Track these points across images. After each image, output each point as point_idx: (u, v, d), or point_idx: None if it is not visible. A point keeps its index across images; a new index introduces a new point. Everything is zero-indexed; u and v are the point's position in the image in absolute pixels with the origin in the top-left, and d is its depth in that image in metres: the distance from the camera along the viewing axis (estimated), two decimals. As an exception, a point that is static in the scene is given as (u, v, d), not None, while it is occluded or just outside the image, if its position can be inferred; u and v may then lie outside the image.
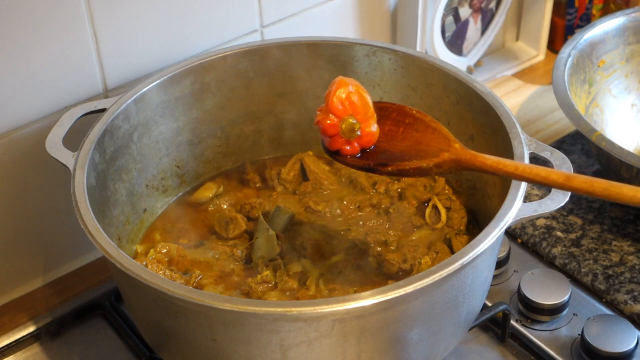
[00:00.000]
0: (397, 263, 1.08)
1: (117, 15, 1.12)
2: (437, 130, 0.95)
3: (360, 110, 0.94)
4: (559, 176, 0.87)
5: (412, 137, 0.96)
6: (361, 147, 0.96)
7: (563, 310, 1.12)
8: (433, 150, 0.93)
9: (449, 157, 0.92)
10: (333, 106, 0.94)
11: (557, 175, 0.87)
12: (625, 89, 1.39)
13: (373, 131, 0.96)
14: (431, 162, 0.92)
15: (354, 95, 0.94)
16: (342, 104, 0.94)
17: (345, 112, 0.94)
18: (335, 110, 0.94)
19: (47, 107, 1.12)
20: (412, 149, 0.95)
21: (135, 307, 0.99)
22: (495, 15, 1.53)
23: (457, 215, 1.14)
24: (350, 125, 0.94)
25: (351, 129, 0.94)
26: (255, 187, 1.21)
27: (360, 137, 0.95)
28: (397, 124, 0.98)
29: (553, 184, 0.87)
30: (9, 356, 1.11)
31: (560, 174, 0.87)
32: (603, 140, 1.16)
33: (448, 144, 0.93)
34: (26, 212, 1.16)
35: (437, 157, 0.92)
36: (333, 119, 0.94)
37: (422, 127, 0.96)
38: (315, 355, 0.88)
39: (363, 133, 0.95)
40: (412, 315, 0.89)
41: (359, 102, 0.94)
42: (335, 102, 0.94)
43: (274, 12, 1.27)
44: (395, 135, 0.97)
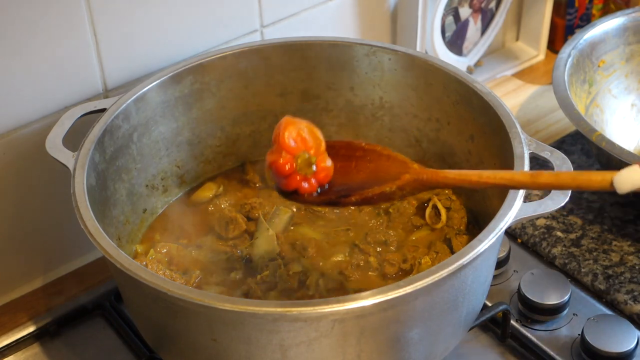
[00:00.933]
0: (397, 263, 1.08)
1: (117, 15, 1.12)
2: (392, 156, 0.94)
3: (312, 145, 0.92)
4: (523, 176, 0.87)
5: (367, 168, 0.94)
6: (319, 183, 0.93)
7: (563, 310, 1.12)
8: (392, 175, 0.92)
9: (410, 178, 0.91)
10: (285, 144, 0.90)
11: (522, 176, 0.87)
12: (625, 89, 1.39)
13: (328, 165, 0.93)
14: (394, 185, 0.91)
15: (304, 131, 0.92)
16: (294, 141, 0.91)
17: (298, 148, 0.91)
18: (288, 148, 0.90)
19: (47, 107, 1.12)
20: (370, 178, 0.93)
21: (135, 307, 0.99)
22: (495, 15, 1.53)
23: (457, 215, 1.14)
24: (306, 160, 0.91)
25: (307, 164, 0.91)
26: (255, 187, 1.21)
27: (316, 173, 0.92)
28: (349, 159, 0.96)
29: (520, 184, 0.87)
30: (9, 356, 1.11)
31: (525, 173, 0.87)
32: (603, 140, 1.16)
33: (406, 167, 0.92)
34: (26, 212, 1.16)
35: (398, 180, 0.91)
36: (287, 157, 0.90)
37: (375, 157, 0.95)
38: (315, 355, 0.88)
39: (319, 168, 0.92)
40: (412, 315, 0.89)
41: (310, 137, 0.92)
42: (287, 139, 0.90)
43: (274, 12, 1.27)
44: (349, 169, 0.95)
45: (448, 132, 1.16)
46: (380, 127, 1.22)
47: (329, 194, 0.94)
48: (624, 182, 0.82)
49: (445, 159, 1.18)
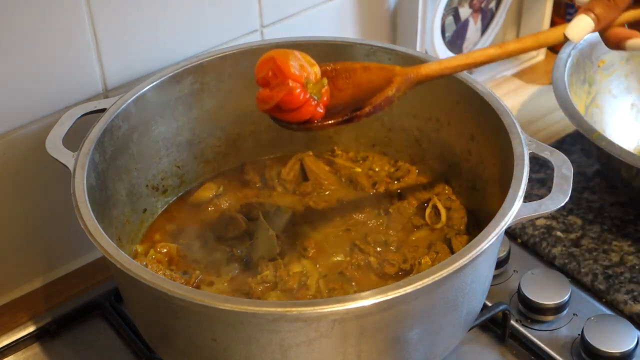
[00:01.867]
0: (397, 263, 1.08)
1: (117, 15, 1.12)
2: (368, 67, 0.95)
3: (311, 70, 0.90)
4: (494, 49, 0.95)
5: (347, 85, 0.95)
6: (324, 106, 0.91)
7: (563, 310, 1.12)
8: (378, 83, 0.93)
9: (401, 79, 0.94)
10: (292, 73, 0.87)
11: (493, 49, 0.95)
12: (625, 89, 1.39)
13: (327, 88, 0.92)
14: (393, 87, 0.93)
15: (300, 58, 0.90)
16: (298, 69, 0.88)
17: (302, 75, 0.88)
18: (295, 76, 0.87)
19: (47, 107, 1.12)
20: (358, 92, 0.94)
21: (135, 307, 0.99)
22: (495, 15, 1.53)
23: (457, 215, 1.14)
24: (316, 84, 0.89)
25: (318, 88, 0.89)
26: (255, 187, 1.21)
27: (322, 96, 0.91)
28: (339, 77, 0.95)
29: (492, 57, 0.95)
30: (9, 356, 1.11)
31: (495, 46, 0.95)
32: (603, 140, 1.16)
33: (390, 71, 0.94)
34: (26, 212, 1.16)
35: (394, 83, 0.93)
36: (297, 85, 0.87)
37: (350, 73, 0.95)
38: (315, 355, 0.88)
39: (323, 91, 0.91)
40: (412, 315, 0.89)
41: (307, 63, 0.90)
42: (293, 69, 0.87)
43: (274, 12, 1.27)
44: (333, 91, 0.94)
45: (448, 132, 1.16)
46: (380, 127, 1.22)
47: (339, 114, 0.92)
48: (575, 32, 0.92)
49: (446, 159, 1.18)
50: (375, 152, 1.25)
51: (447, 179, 1.18)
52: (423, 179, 1.20)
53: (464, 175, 1.16)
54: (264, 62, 0.89)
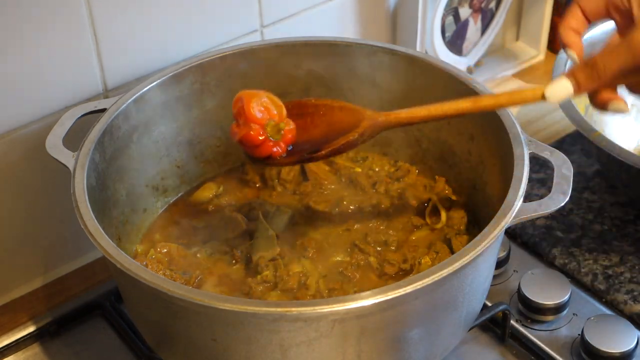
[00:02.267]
0: (397, 263, 1.08)
1: (117, 15, 1.12)
2: (344, 107, 0.99)
3: (275, 112, 0.98)
4: (466, 102, 0.94)
5: (323, 122, 1.00)
6: (286, 145, 0.99)
7: (563, 310, 1.12)
8: (348, 123, 0.97)
9: (368, 124, 0.97)
10: (252, 115, 0.97)
11: (465, 102, 0.94)
12: (625, 89, 1.38)
13: (292, 127, 0.99)
14: (355, 133, 0.96)
15: (266, 100, 0.99)
16: (260, 112, 0.97)
17: (264, 118, 0.98)
18: (255, 119, 0.97)
19: (47, 107, 1.12)
20: (330, 131, 0.99)
21: (135, 307, 0.99)
22: (495, 15, 1.53)
23: (457, 215, 1.14)
24: (274, 127, 0.98)
25: (276, 130, 0.98)
26: (255, 187, 1.21)
27: (283, 136, 0.98)
28: (302, 117, 1.01)
29: (464, 111, 0.94)
30: (9, 356, 1.11)
31: (468, 100, 0.94)
32: (603, 140, 1.16)
33: (360, 114, 0.98)
34: (26, 212, 1.16)
35: (358, 127, 0.96)
36: (256, 127, 0.97)
37: (327, 110, 1.00)
38: (315, 355, 0.88)
39: (285, 131, 0.98)
40: (412, 315, 0.89)
41: (272, 105, 0.99)
42: (253, 111, 0.97)
43: (274, 12, 1.27)
44: (306, 126, 1.00)
45: (448, 132, 1.16)
46: (380, 127, 1.22)
47: (298, 153, 0.99)
48: (555, 94, 0.89)
49: (446, 159, 1.18)
50: (375, 152, 1.25)
51: (447, 179, 1.18)
52: (423, 179, 1.20)
53: (464, 175, 1.16)
54: (236, 100, 1.00)
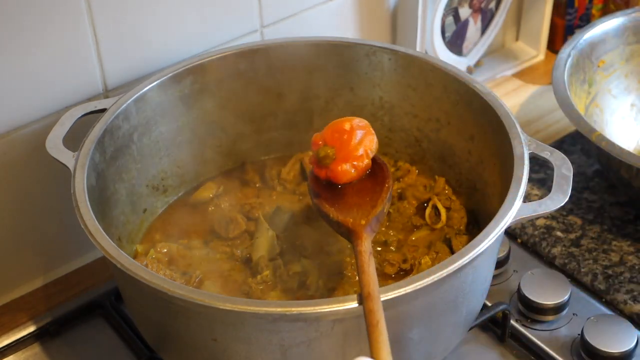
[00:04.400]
0: (397, 263, 1.08)
1: (117, 15, 1.12)
2: (375, 205, 0.96)
3: (345, 148, 0.97)
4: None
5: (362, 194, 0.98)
6: (327, 177, 0.98)
7: (563, 310, 1.12)
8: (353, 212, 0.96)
9: (348, 225, 0.94)
10: (327, 130, 0.97)
11: None
12: (625, 89, 1.39)
13: (339, 171, 0.97)
14: (336, 217, 0.95)
15: (348, 134, 0.97)
16: (333, 134, 0.97)
17: (330, 141, 0.97)
18: (325, 135, 0.97)
19: (47, 107, 1.12)
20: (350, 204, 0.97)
21: (135, 307, 0.99)
22: (495, 15, 1.53)
23: (457, 215, 1.14)
24: (324, 153, 0.97)
25: (323, 157, 0.97)
26: (255, 187, 1.21)
27: (328, 169, 0.97)
28: (373, 184, 0.99)
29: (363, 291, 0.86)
30: (9, 356, 1.11)
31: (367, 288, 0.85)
32: (603, 140, 1.16)
33: (361, 217, 0.95)
34: (26, 212, 1.16)
35: (344, 219, 0.95)
36: (319, 141, 0.97)
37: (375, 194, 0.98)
38: (315, 355, 0.88)
39: (332, 167, 0.97)
40: (412, 315, 0.89)
41: (348, 142, 0.97)
42: (331, 129, 0.97)
43: (274, 12, 1.27)
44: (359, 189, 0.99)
45: (448, 132, 1.16)
46: (380, 127, 1.22)
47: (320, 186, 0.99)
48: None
49: (445, 159, 1.18)
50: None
51: (447, 179, 1.18)
52: (423, 179, 1.20)
53: (464, 175, 1.16)
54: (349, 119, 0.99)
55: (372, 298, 0.83)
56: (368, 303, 0.83)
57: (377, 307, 0.83)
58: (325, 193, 0.99)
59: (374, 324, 0.81)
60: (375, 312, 0.82)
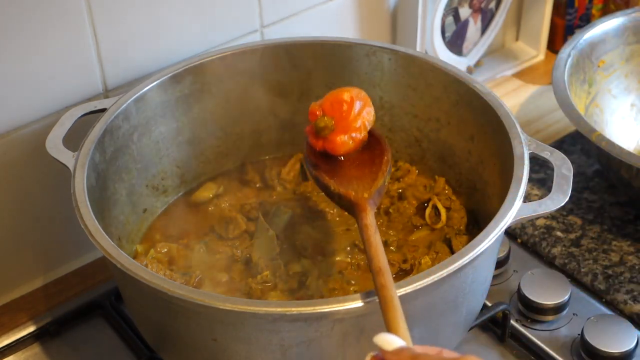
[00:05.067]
0: (397, 263, 1.08)
1: (117, 15, 1.12)
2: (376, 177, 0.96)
3: (344, 119, 0.96)
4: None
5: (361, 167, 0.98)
6: (324, 148, 0.97)
7: (563, 310, 1.12)
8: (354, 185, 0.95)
9: (353, 199, 0.93)
10: (326, 100, 0.97)
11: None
12: (625, 89, 1.39)
13: (338, 142, 0.97)
14: (337, 189, 0.94)
15: (347, 104, 0.96)
16: (333, 104, 0.96)
17: (329, 111, 0.96)
18: (324, 105, 0.97)
19: (47, 107, 1.12)
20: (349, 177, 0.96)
21: (135, 307, 0.99)
22: (495, 15, 1.53)
23: (457, 215, 1.14)
24: (323, 124, 0.96)
25: (322, 127, 0.96)
26: (255, 187, 1.21)
27: (328, 140, 0.97)
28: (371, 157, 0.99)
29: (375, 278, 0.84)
30: (9, 356, 1.11)
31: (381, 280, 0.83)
32: (603, 140, 1.16)
33: (363, 190, 0.94)
34: (26, 212, 1.16)
35: (345, 192, 0.93)
36: (317, 108, 0.97)
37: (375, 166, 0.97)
38: (315, 355, 0.88)
39: (330, 138, 0.97)
40: (412, 315, 0.89)
41: (347, 113, 0.96)
42: (330, 99, 0.96)
43: (274, 12, 1.27)
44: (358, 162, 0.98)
45: (448, 132, 1.16)
46: (380, 127, 1.22)
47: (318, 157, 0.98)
48: None
49: (445, 159, 1.18)
50: (375, 152, 1.25)
51: (447, 179, 1.18)
52: (423, 179, 1.20)
53: (464, 175, 1.16)
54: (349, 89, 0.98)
55: (382, 272, 0.82)
56: (379, 278, 0.81)
57: (389, 281, 0.81)
58: (323, 165, 0.98)
59: (388, 299, 0.79)
60: (387, 286, 0.80)
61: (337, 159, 0.98)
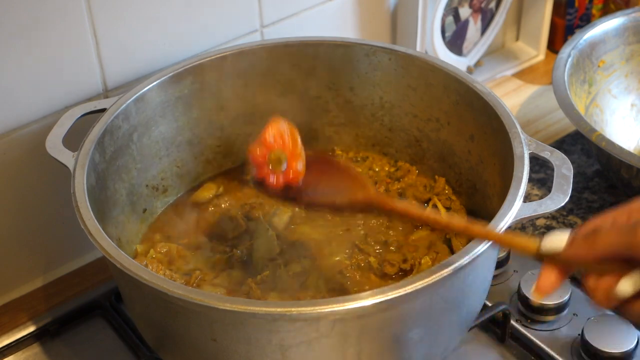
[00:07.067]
0: (397, 263, 1.08)
1: (117, 15, 1.12)
2: (357, 178, 0.99)
3: (289, 147, 0.98)
4: (459, 222, 0.91)
5: (331, 180, 1.00)
6: (285, 182, 0.99)
7: (563, 310, 1.11)
8: (349, 191, 0.97)
9: (362, 198, 0.96)
10: (265, 138, 0.98)
11: (458, 222, 0.91)
12: (625, 89, 1.39)
13: (298, 169, 0.99)
14: (345, 198, 0.97)
15: (286, 133, 0.99)
16: (273, 138, 0.98)
17: (275, 145, 0.98)
18: (266, 143, 0.98)
19: (47, 107, 1.12)
20: (331, 189, 0.99)
21: (135, 307, 0.99)
22: (495, 15, 1.53)
23: (457, 215, 1.14)
24: (277, 157, 0.98)
25: (278, 161, 0.98)
26: (256, 187, 1.21)
27: (285, 172, 0.98)
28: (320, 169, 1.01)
29: (456, 229, 0.94)
30: (9, 356, 1.11)
31: (461, 221, 0.92)
32: (603, 140, 1.16)
33: (362, 187, 0.97)
34: (26, 212, 1.16)
35: (350, 197, 0.96)
36: (263, 150, 0.98)
37: (341, 175, 1.00)
38: (315, 355, 0.88)
39: (289, 167, 0.98)
40: (412, 315, 0.89)
41: (290, 140, 0.99)
42: (268, 136, 0.98)
43: (274, 12, 1.27)
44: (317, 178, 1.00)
45: (448, 132, 1.16)
46: (380, 127, 1.22)
47: (289, 191, 0.99)
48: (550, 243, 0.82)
49: (445, 159, 1.18)
50: (375, 152, 1.25)
51: (447, 179, 1.18)
52: (423, 179, 1.20)
53: (464, 175, 1.16)
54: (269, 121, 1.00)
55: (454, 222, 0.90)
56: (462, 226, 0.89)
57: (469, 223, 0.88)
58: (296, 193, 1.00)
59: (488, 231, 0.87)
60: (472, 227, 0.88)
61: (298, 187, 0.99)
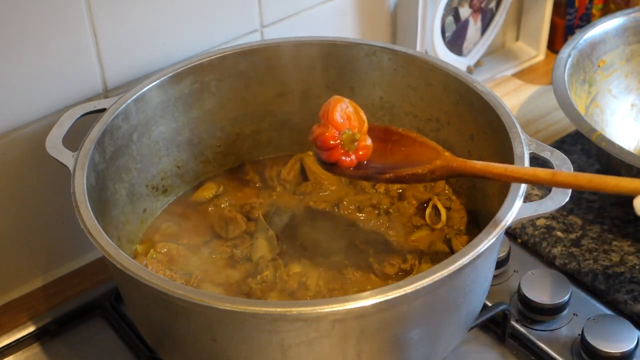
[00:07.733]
0: (397, 263, 1.08)
1: (117, 15, 1.12)
2: (425, 143, 1.01)
3: (356, 124, 1.00)
4: (545, 174, 0.92)
5: (401, 151, 1.02)
6: (358, 159, 1.00)
7: (563, 310, 1.12)
8: (424, 160, 0.99)
9: (440, 164, 0.97)
10: (334, 119, 0.98)
11: (544, 173, 0.92)
12: (625, 89, 1.39)
13: (368, 145, 1.00)
14: (425, 168, 0.97)
15: (351, 110, 1.00)
16: (342, 118, 0.98)
17: (344, 125, 0.99)
18: (336, 123, 0.98)
19: (47, 107, 1.12)
20: (403, 160, 1.00)
21: (135, 307, 0.99)
22: (495, 15, 1.53)
23: (457, 215, 1.14)
24: (350, 136, 0.99)
25: (351, 140, 0.99)
26: (255, 187, 1.21)
27: (357, 150, 0.99)
28: (385, 141, 1.02)
29: (541, 181, 0.93)
30: (9, 356, 1.11)
31: (547, 171, 0.92)
32: (603, 140, 1.16)
33: (438, 153, 0.98)
34: (26, 212, 1.16)
35: (430, 164, 0.97)
36: (333, 131, 0.98)
37: (409, 142, 1.02)
38: (315, 355, 0.88)
39: (360, 146, 0.99)
40: (412, 316, 0.89)
41: (355, 117, 1.00)
42: (335, 115, 0.98)
43: (274, 12, 1.27)
44: (384, 151, 1.02)
45: (448, 132, 1.16)
46: (380, 127, 1.22)
47: (365, 169, 1.01)
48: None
49: (445, 159, 1.18)
50: (375, 152, 1.25)
51: (447, 179, 1.18)
52: (423, 180, 1.20)
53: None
54: (326, 103, 1.00)
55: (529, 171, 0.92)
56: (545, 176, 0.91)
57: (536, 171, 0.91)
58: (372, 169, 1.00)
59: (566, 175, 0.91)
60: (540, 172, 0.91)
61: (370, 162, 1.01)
